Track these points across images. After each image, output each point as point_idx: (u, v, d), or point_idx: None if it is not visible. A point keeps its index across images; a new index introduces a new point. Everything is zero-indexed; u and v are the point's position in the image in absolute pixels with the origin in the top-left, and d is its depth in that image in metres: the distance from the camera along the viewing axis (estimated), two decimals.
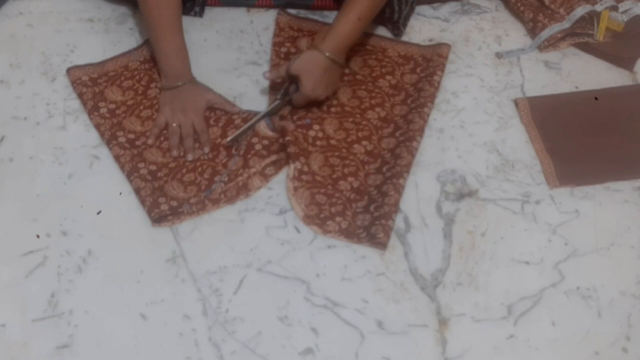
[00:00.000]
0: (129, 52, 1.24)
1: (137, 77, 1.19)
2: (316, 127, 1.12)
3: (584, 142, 1.13)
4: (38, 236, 0.99)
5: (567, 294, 0.95)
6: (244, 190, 1.04)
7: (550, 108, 1.18)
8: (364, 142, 1.11)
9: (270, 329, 0.91)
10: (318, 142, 1.10)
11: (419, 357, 0.89)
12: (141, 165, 1.07)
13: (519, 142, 1.13)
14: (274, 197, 1.05)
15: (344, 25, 1.10)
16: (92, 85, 1.17)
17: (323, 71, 1.09)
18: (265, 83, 1.19)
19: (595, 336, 0.91)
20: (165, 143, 1.10)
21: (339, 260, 0.98)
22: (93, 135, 1.12)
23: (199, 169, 1.07)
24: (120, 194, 1.04)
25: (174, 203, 1.02)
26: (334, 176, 1.06)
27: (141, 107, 1.15)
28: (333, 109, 1.15)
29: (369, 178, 1.06)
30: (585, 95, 1.20)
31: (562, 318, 0.93)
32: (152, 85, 1.18)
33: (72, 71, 1.20)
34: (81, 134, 1.12)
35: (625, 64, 1.25)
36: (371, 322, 0.92)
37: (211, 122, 1.13)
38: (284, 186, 1.05)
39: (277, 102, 1.13)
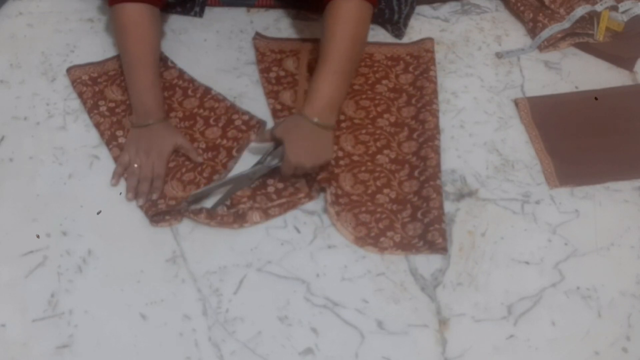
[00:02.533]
0: None
1: None
2: (334, 147, 1.09)
3: (584, 142, 1.13)
4: (38, 236, 0.99)
5: (567, 294, 0.95)
6: (241, 220, 1.01)
7: (550, 108, 1.18)
8: (385, 151, 1.09)
9: (270, 329, 0.91)
10: (341, 162, 1.08)
11: (419, 357, 0.89)
12: None
13: (519, 142, 1.13)
14: None
15: (320, 84, 1.03)
16: (92, 85, 1.18)
17: (307, 137, 1.01)
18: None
19: (595, 336, 0.91)
20: None
21: (339, 260, 0.98)
22: (93, 135, 1.12)
23: (199, 168, 1.07)
24: (120, 194, 1.04)
25: (172, 202, 1.02)
26: (369, 192, 1.04)
27: None
28: (343, 124, 1.13)
29: (404, 186, 1.05)
30: (585, 95, 1.20)
31: (562, 318, 0.93)
32: None
33: (72, 70, 1.20)
34: (81, 134, 1.12)
35: (625, 64, 1.25)
36: (371, 322, 0.92)
37: (211, 121, 1.13)
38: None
39: (258, 165, 1.04)
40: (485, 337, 0.91)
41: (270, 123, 1.14)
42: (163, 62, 1.21)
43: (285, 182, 1.05)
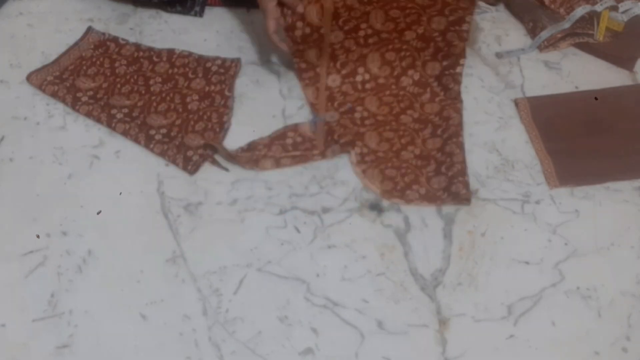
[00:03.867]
0: (76, 45, 1.24)
1: (98, 63, 1.21)
2: (359, 108, 1.14)
3: (584, 142, 1.13)
4: (38, 236, 0.99)
5: (567, 294, 0.95)
6: (253, 164, 1.07)
7: (550, 108, 1.18)
8: (408, 112, 1.13)
9: (270, 329, 0.91)
10: (367, 122, 1.12)
11: (419, 357, 0.89)
12: (152, 132, 1.10)
13: (519, 142, 1.13)
14: (274, 197, 1.05)
15: None
16: (60, 82, 1.18)
17: None
18: (266, 82, 1.20)
19: (595, 336, 0.91)
20: (161, 105, 1.14)
21: (339, 260, 0.98)
22: (93, 135, 1.12)
23: (204, 117, 1.12)
24: (120, 194, 1.04)
25: (200, 151, 1.08)
26: (394, 149, 1.09)
27: (118, 86, 1.17)
28: (367, 85, 1.16)
29: (427, 143, 1.09)
30: (585, 95, 1.20)
31: (562, 318, 0.93)
32: (117, 64, 1.21)
33: (33, 77, 1.18)
34: (81, 134, 1.12)
35: (625, 64, 1.25)
36: (371, 322, 0.92)
37: (190, 75, 1.19)
38: (285, 186, 1.06)
39: None
40: (485, 337, 0.91)
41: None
42: (114, 41, 1.24)
43: (304, 136, 1.09)
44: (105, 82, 1.18)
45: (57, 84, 1.17)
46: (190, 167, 1.07)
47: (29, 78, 1.18)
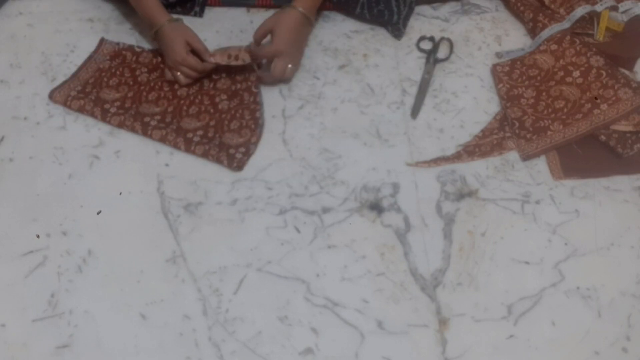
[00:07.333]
0: (91, 57, 1.23)
1: (118, 73, 1.20)
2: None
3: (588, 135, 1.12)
4: (38, 236, 0.99)
5: (567, 294, 0.95)
6: (498, 148, 1.09)
7: None
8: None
9: (270, 329, 0.91)
10: None
11: (419, 357, 0.89)
12: (189, 135, 1.10)
13: None
14: (274, 197, 1.05)
15: None
16: (84, 96, 1.16)
17: (296, 25, 1.13)
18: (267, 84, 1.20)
19: (595, 336, 0.91)
20: (192, 108, 1.15)
21: (339, 260, 0.98)
22: (93, 135, 1.12)
23: (237, 115, 1.13)
24: (120, 194, 1.04)
25: (243, 149, 1.09)
26: None
27: (144, 94, 1.16)
28: None
29: None
30: None
31: (562, 318, 0.93)
32: (137, 72, 1.20)
33: (55, 94, 1.16)
34: (81, 134, 1.12)
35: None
36: (371, 322, 0.92)
37: (214, 76, 1.19)
38: (285, 186, 1.06)
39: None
40: (485, 337, 0.91)
41: None
42: (130, 50, 1.23)
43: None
44: (130, 91, 1.17)
45: (82, 99, 1.15)
46: (236, 164, 1.07)
47: (51, 96, 1.16)
